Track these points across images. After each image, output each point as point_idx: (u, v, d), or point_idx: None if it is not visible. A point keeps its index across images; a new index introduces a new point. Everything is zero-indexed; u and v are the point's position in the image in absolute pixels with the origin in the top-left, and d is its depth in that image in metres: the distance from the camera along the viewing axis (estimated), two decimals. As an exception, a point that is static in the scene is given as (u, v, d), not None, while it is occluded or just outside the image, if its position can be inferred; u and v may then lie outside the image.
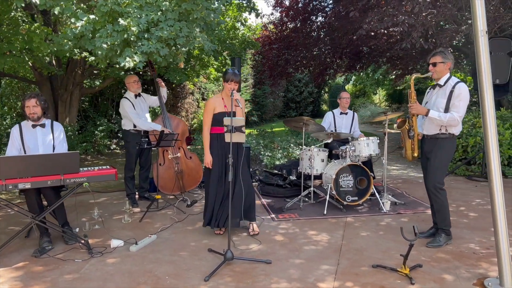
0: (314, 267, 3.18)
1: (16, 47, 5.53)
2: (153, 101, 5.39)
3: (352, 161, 4.81)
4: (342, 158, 5.07)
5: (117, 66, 5.53)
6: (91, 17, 4.24)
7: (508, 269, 2.69)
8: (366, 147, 4.95)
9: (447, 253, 3.39)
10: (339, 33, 9.37)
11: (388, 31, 8.27)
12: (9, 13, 5.52)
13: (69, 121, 8.46)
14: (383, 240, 3.75)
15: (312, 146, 5.01)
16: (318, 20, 10.70)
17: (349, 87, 23.63)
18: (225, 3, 5.51)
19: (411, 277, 2.89)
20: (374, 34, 8.42)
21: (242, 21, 9.56)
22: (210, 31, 5.76)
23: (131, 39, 4.20)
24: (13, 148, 3.71)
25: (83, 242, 3.56)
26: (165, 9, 4.33)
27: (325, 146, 5.60)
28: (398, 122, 3.89)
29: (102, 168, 3.57)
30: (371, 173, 4.82)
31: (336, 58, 11.26)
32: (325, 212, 4.57)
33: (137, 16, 4.21)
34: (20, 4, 4.13)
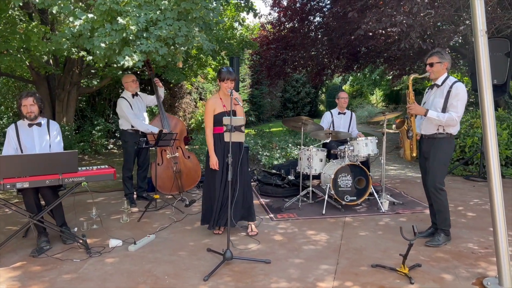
0: (314, 266, 3.17)
1: (13, 46, 5.49)
2: (150, 101, 5.37)
3: (350, 161, 4.82)
4: (340, 158, 5.08)
5: (115, 66, 5.51)
6: (90, 16, 4.22)
7: (507, 268, 2.70)
8: (365, 147, 4.97)
9: (446, 253, 3.40)
10: (336, 33, 9.37)
11: (386, 31, 8.28)
12: (6, 12, 5.49)
13: (66, 120, 8.42)
14: (382, 239, 3.76)
15: (310, 146, 5.01)
16: (316, 20, 10.72)
17: (346, 87, 23.68)
18: (223, 3, 5.50)
19: (411, 277, 2.90)
20: (372, 35, 8.44)
21: (240, 21, 9.56)
22: (208, 31, 5.75)
23: (129, 38, 4.19)
24: (9, 148, 3.68)
25: (81, 242, 3.55)
26: (164, 8, 4.31)
27: (323, 146, 5.60)
28: (397, 123, 3.89)
29: (100, 167, 3.55)
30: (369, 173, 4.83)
31: (334, 59, 11.28)
32: (323, 212, 4.57)
33: (136, 15, 4.20)
34: (18, 3, 4.11)
